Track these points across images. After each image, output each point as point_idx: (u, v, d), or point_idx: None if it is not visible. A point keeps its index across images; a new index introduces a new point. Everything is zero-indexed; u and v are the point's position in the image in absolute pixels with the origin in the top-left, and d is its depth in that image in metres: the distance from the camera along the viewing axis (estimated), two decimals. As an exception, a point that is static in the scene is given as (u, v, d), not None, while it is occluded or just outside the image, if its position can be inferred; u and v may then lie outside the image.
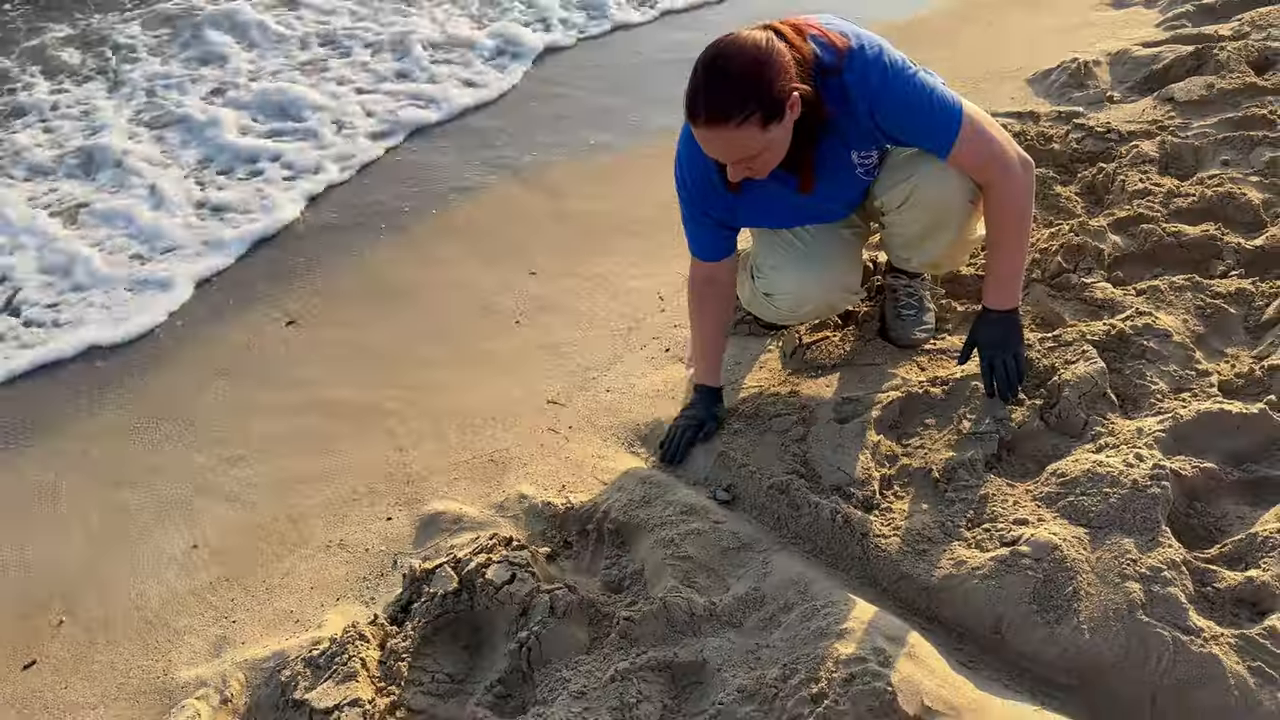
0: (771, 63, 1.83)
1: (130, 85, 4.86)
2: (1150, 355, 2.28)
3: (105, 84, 4.90)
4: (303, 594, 2.23)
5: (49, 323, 3.31)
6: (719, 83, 1.83)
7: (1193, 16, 4.16)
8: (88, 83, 4.93)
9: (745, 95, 1.82)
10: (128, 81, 4.89)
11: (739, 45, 1.84)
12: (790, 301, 2.33)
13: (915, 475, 2.12)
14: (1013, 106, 3.69)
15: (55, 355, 3.15)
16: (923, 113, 2.01)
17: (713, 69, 1.84)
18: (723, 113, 1.83)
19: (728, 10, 5.37)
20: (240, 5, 5.63)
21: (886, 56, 1.98)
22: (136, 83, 4.88)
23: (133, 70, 5.01)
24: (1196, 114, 3.31)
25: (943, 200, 2.16)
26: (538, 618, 1.88)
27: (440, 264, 3.44)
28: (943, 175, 2.13)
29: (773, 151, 1.92)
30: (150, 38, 5.35)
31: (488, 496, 2.39)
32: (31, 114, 4.66)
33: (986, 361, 2.23)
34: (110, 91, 4.84)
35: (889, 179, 2.18)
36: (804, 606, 1.83)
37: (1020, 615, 1.79)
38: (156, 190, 3.98)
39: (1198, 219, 2.75)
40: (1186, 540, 1.89)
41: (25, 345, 3.20)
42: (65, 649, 2.20)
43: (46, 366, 3.12)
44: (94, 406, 2.94)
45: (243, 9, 5.59)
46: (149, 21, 5.53)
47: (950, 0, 5.03)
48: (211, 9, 5.62)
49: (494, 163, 4.07)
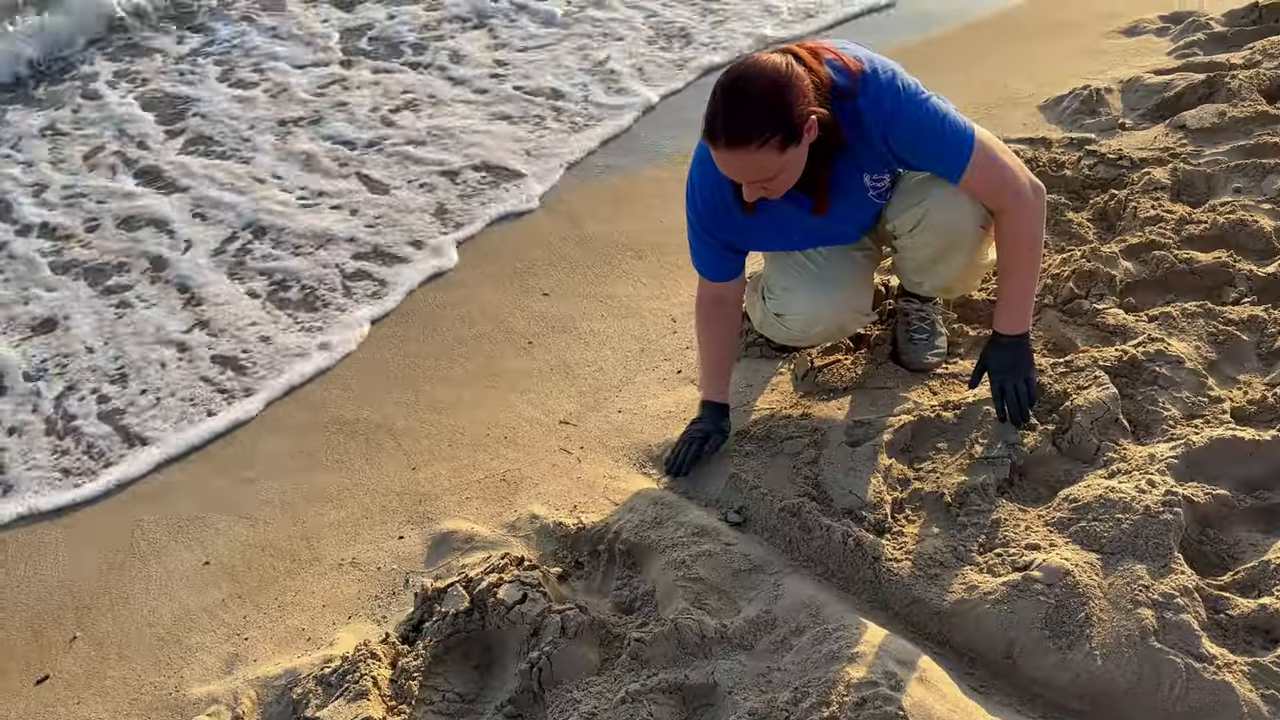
0: (791, 86, 1.86)
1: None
2: (1162, 381, 2.28)
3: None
4: (315, 612, 2.23)
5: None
6: (739, 106, 1.85)
7: (1204, 45, 4.17)
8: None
9: (765, 118, 1.84)
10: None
11: (759, 68, 1.87)
12: (802, 322, 2.35)
13: (927, 499, 2.12)
14: (1024, 132, 3.70)
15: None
16: (935, 137, 2.03)
17: (733, 92, 1.86)
18: (743, 135, 1.85)
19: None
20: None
21: (900, 81, 2.00)
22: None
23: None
24: (1208, 141, 3.32)
25: (954, 224, 2.18)
26: (549, 638, 1.88)
27: (453, 284, 3.46)
28: (954, 200, 2.14)
29: (789, 173, 1.94)
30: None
31: (499, 516, 2.40)
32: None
33: (998, 386, 2.23)
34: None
35: (901, 203, 2.20)
36: (815, 630, 1.83)
37: (1032, 640, 1.78)
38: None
39: (1210, 246, 2.76)
40: (1199, 567, 1.89)
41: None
42: (78, 664, 2.21)
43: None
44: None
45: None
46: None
47: (962, 26, 5.06)
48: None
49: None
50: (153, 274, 3.63)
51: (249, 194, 4.08)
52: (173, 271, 3.64)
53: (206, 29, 5.72)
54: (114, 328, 3.35)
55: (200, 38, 5.63)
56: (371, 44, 5.40)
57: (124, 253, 3.76)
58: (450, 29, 5.49)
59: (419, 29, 5.50)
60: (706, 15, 5.40)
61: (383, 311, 3.33)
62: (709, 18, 5.37)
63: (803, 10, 5.34)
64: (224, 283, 3.55)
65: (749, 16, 5.34)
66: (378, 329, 3.26)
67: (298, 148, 4.40)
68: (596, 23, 5.44)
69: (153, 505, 2.63)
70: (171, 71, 5.25)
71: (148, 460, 2.77)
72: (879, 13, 5.27)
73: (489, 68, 5.03)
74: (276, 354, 3.16)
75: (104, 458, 2.80)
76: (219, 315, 3.37)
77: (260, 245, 3.75)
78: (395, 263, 3.58)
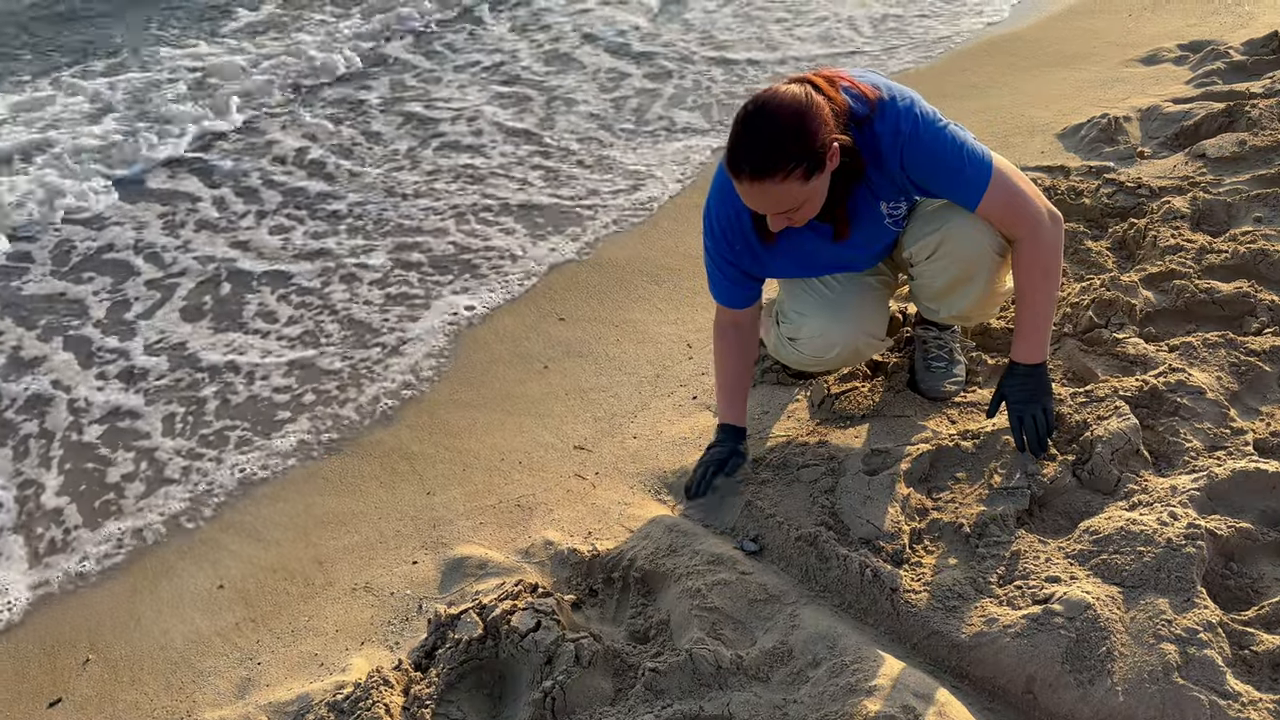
0: (812, 115, 1.86)
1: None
2: (1184, 412, 2.25)
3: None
4: (327, 637, 2.22)
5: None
6: (761, 138, 1.85)
7: (1224, 74, 4.17)
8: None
9: (788, 149, 1.84)
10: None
11: (779, 100, 1.87)
12: (816, 346, 2.33)
13: (946, 530, 2.10)
14: (1043, 160, 3.70)
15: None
16: (952, 165, 2.02)
17: (754, 124, 1.86)
18: (767, 168, 1.85)
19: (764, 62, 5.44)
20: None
21: (918, 108, 2.00)
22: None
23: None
24: (1228, 170, 3.31)
25: (971, 253, 2.17)
26: (563, 667, 1.86)
27: (468, 309, 3.47)
28: (971, 227, 2.13)
29: (813, 202, 1.94)
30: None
31: (513, 542, 2.39)
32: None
33: (1015, 416, 2.21)
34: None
35: (918, 230, 2.19)
36: (832, 662, 1.81)
37: (1053, 675, 1.76)
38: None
39: (1231, 276, 2.74)
40: (1223, 601, 1.86)
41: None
42: (91, 687, 2.20)
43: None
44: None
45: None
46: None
47: (979, 54, 5.07)
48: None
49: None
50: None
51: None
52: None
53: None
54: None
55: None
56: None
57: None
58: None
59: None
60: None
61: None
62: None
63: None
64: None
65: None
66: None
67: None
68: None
69: (165, 526, 2.62)
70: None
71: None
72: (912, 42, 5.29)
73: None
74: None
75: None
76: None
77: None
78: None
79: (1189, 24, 4.98)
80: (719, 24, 5.86)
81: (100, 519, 2.67)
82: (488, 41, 5.88)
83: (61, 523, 2.67)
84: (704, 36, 5.69)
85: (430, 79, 5.42)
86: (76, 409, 3.09)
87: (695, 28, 5.83)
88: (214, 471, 2.80)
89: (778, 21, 5.86)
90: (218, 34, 6.14)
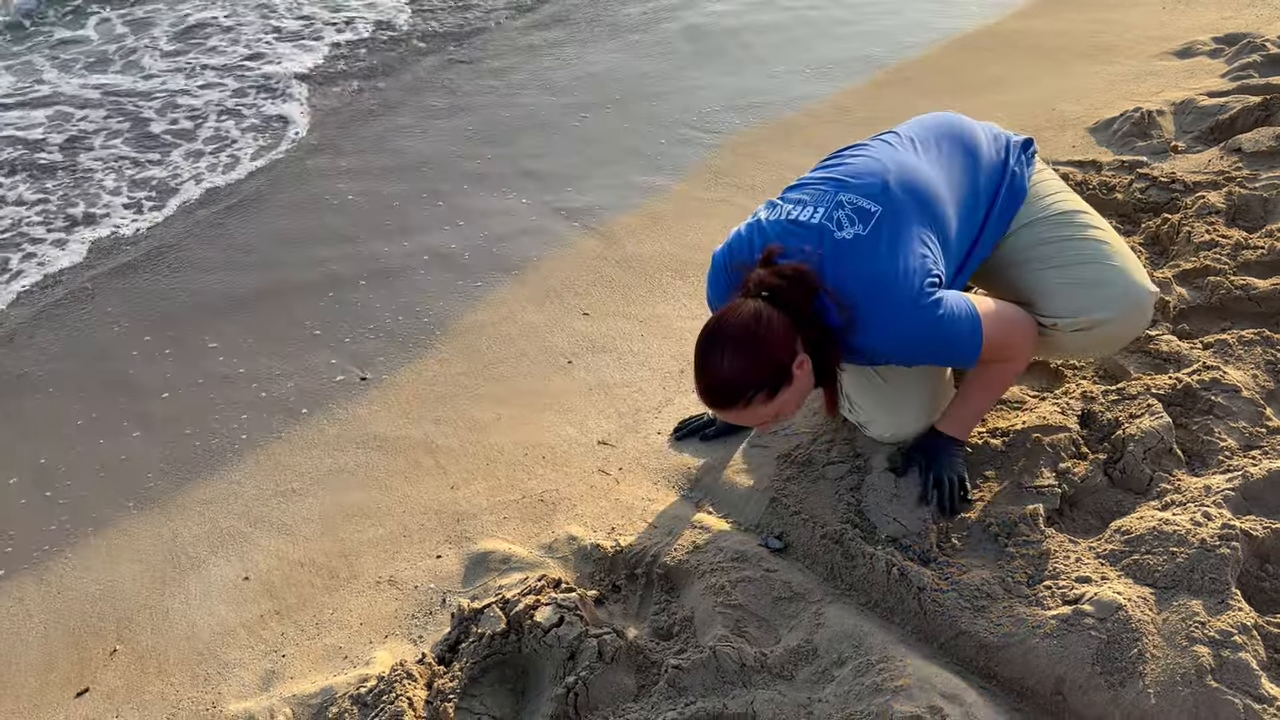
0: (765, 340, 1.83)
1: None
2: (1218, 411, 2.21)
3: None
4: (352, 630, 2.23)
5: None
6: (718, 372, 1.85)
7: (1260, 67, 4.10)
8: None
9: (744, 379, 1.84)
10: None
11: (730, 327, 1.85)
12: (893, 437, 2.29)
13: (974, 529, 2.07)
14: (1074, 155, 3.65)
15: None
16: (942, 352, 2.00)
17: (708, 358, 1.86)
18: (727, 401, 1.86)
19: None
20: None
21: (904, 296, 1.88)
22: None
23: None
24: (1265, 165, 3.25)
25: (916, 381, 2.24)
26: (585, 662, 1.86)
27: (493, 304, 3.47)
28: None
29: (790, 406, 1.93)
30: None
31: (537, 537, 2.38)
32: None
33: (934, 475, 2.17)
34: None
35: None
36: (858, 661, 1.79)
37: (1083, 677, 1.73)
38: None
39: (1267, 272, 2.69)
40: (1258, 604, 1.82)
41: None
42: (118, 677, 2.22)
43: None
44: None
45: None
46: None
47: (1009, 47, 5.01)
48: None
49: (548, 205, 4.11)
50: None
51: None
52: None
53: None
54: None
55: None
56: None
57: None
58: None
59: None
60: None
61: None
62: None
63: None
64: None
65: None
66: (419, 348, 3.27)
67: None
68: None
69: (193, 519, 2.64)
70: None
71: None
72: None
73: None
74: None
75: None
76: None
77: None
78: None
79: (1224, 16, 4.90)
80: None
81: (133, 506, 2.69)
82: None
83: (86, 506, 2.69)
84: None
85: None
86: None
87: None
88: (237, 463, 2.81)
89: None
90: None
